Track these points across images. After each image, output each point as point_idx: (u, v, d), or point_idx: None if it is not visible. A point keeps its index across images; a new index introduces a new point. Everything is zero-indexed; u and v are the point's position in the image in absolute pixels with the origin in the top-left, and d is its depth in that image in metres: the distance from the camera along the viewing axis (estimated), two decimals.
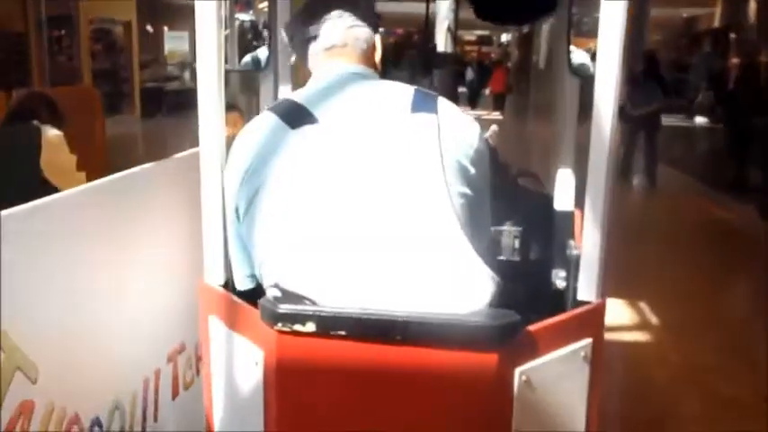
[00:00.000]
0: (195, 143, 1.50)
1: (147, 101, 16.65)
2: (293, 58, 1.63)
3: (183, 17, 19.80)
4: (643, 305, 4.42)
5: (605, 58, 1.41)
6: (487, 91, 20.67)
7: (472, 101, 20.08)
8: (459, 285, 1.28)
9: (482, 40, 29.02)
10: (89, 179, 3.81)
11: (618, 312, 4.16)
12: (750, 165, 8.15)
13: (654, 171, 8.65)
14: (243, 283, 1.47)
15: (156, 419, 1.89)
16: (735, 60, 9.92)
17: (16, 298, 1.32)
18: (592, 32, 1.87)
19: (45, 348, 1.41)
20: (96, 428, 1.61)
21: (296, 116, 1.37)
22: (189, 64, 20.09)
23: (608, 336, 1.50)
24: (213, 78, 1.44)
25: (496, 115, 18.83)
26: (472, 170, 1.39)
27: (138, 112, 16.21)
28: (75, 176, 3.52)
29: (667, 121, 12.02)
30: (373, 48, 1.54)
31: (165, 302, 1.89)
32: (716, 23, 11.22)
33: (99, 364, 1.63)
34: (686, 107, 11.51)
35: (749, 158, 8.33)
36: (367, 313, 1.23)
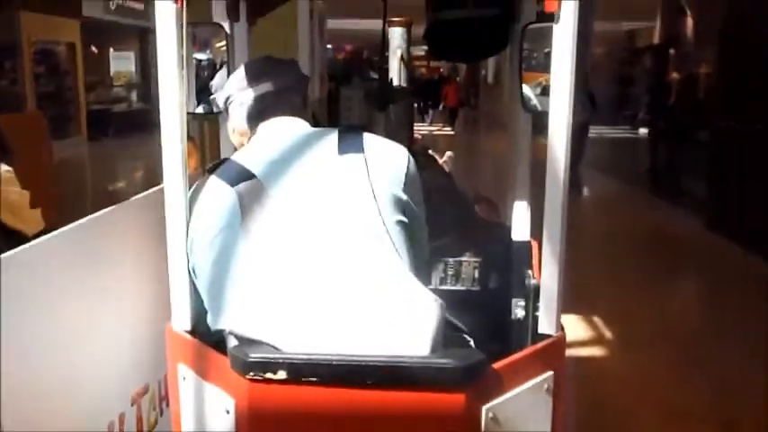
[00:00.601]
0: (145, 164, 1.54)
1: (94, 123, 16.38)
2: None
3: (129, 37, 19.60)
4: (594, 318, 4.52)
5: (558, 92, 1.47)
6: (441, 106, 21.63)
7: (425, 115, 20.93)
8: (405, 315, 1.31)
9: (430, 55, 29.24)
10: (41, 211, 3.73)
11: (569, 327, 4.24)
12: (693, 175, 8.42)
13: (579, 180, 8.93)
14: (201, 326, 1.51)
15: None
16: (675, 75, 10.25)
17: None
18: (543, 67, 1.94)
19: (9, 396, 1.39)
20: None
21: (235, 175, 1.46)
22: (136, 84, 19.87)
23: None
24: (176, 120, 1.47)
25: (448, 130, 19.06)
26: (405, 196, 1.48)
27: (86, 135, 15.92)
28: (30, 214, 3.45)
29: (613, 132, 12.36)
30: (304, 101, 1.68)
31: (130, 345, 1.88)
32: (656, 38, 11.57)
33: (64, 410, 1.61)
34: (631, 119, 11.83)
35: (691, 169, 8.61)
36: (337, 359, 1.25)
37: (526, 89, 1.82)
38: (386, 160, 1.49)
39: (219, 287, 1.40)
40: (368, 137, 1.51)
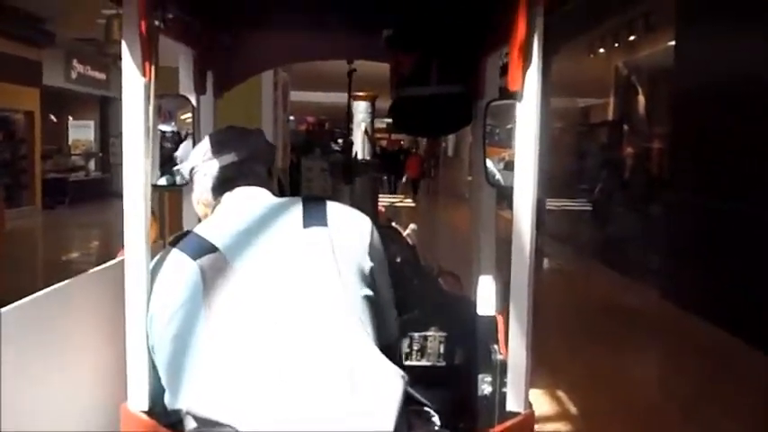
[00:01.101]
0: (100, 234, 1.50)
1: (50, 192, 16.16)
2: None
3: (89, 106, 19.58)
4: (557, 392, 4.49)
5: (522, 167, 1.49)
6: (404, 178, 22.48)
7: (389, 187, 21.69)
8: (368, 392, 1.27)
9: (392, 127, 29.80)
10: None
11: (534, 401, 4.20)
12: (648, 247, 8.58)
13: (540, 252, 9.15)
14: (157, 406, 1.45)
15: None
16: (629, 149, 10.58)
17: None
18: (506, 142, 1.98)
19: None
20: None
21: (197, 248, 1.42)
22: (94, 153, 19.73)
23: None
24: (140, 192, 1.45)
25: (410, 202, 19.24)
26: (369, 265, 1.47)
27: (39, 204, 15.67)
28: None
29: (571, 205, 12.60)
30: (270, 171, 1.67)
31: (83, 426, 1.79)
32: (610, 114, 11.96)
33: None
34: (588, 192, 12.09)
35: (646, 241, 8.79)
36: None
37: (490, 164, 1.84)
38: (349, 231, 1.48)
39: (179, 365, 1.35)
40: (331, 207, 1.50)
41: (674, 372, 5.28)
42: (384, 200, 14.62)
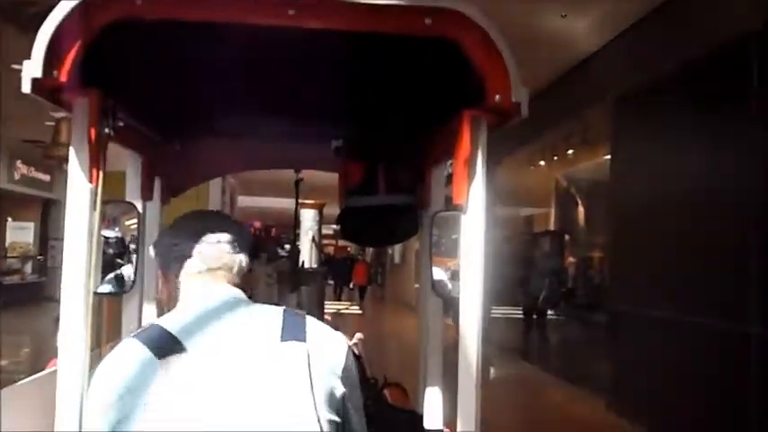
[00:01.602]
0: (33, 339, 1.42)
1: None
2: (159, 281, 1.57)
3: (30, 207, 19.21)
4: None
5: (468, 277, 1.51)
6: (351, 284, 22.61)
7: (336, 294, 21.73)
8: None
9: (339, 234, 29.98)
10: None
11: None
12: (592, 356, 8.64)
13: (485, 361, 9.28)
14: None
15: None
16: (571, 259, 10.84)
17: None
18: (452, 253, 2.00)
19: None
20: None
21: (163, 345, 1.31)
22: (32, 256, 19.21)
23: None
24: (79, 299, 1.41)
25: (356, 309, 19.12)
26: (340, 390, 1.38)
27: None
28: None
29: (516, 313, 12.69)
30: (248, 270, 1.53)
31: None
32: (551, 223, 12.31)
33: None
34: (533, 299, 12.23)
35: (590, 349, 8.86)
36: None
37: (439, 274, 1.86)
38: (326, 352, 1.39)
39: None
40: (310, 323, 1.42)
41: None
42: (330, 307, 14.50)
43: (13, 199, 18.08)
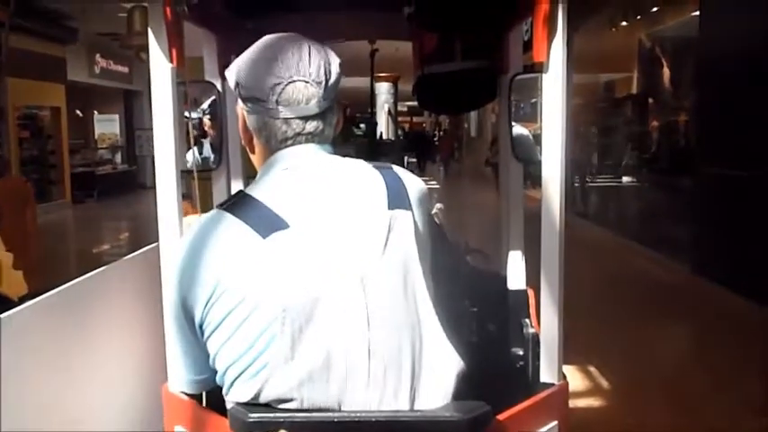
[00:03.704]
0: (130, 226, 1.49)
1: (78, 186, 16.39)
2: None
3: (113, 100, 19.77)
4: (589, 367, 4.49)
5: (550, 140, 1.49)
6: (437, 158, 23.05)
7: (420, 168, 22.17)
8: (430, 376, 1.28)
9: (413, 111, 29.77)
10: (24, 276, 3.70)
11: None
12: (677, 221, 8.50)
13: None
14: (190, 387, 1.42)
15: None
16: (654, 123, 10.44)
17: None
18: (532, 117, 1.97)
19: None
20: None
21: (264, 222, 1.25)
22: (120, 147, 19.95)
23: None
24: (171, 177, 1.47)
25: (434, 184, 19.19)
26: (432, 248, 1.38)
27: (69, 198, 15.89)
28: (12, 276, 3.43)
29: (596, 182, 12.49)
30: (338, 122, 1.39)
31: (124, 409, 1.84)
32: (634, 88, 11.80)
33: None
34: (613, 168, 11.97)
35: (674, 215, 8.70)
36: (338, 416, 1.22)
37: (519, 127, 1.83)
38: (424, 213, 1.36)
39: (238, 347, 1.26)
40: (408, 184, 1.36)
41: (704, 344, 5.23)
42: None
43: (96, 93, 18.64)
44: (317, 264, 1.24)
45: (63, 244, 11.09)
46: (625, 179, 11.60)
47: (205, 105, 2.09)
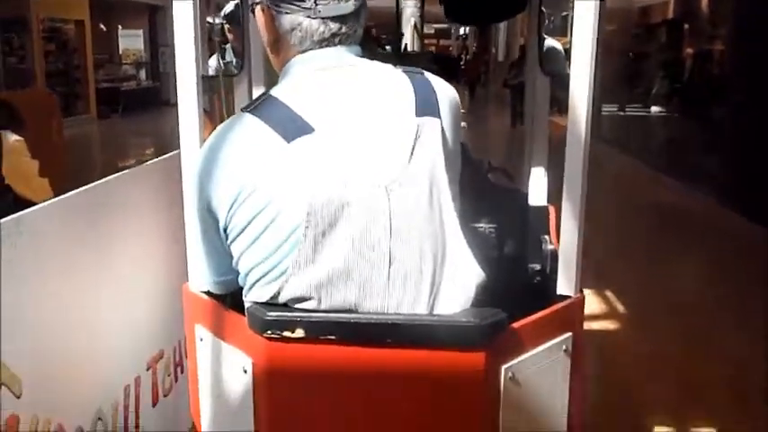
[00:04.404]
0: (154, 141, 1.48)
1: (103, 101, 16.42)
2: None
3: (137, 15, 19.55)
4: (606, 292, 4.51)
5: (579, 55, 1.44)
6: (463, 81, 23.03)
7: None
8: (450, 286, 1.29)
9: (440, 34, 29.18)
10: (51, 184, 3.76)
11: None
12: (706, 153, 8.36)
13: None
14: (214, 288, 1.44)
15: (137, 427, 1.88)
16: (689, 50, 10.14)
17: None
18: (562, 31, 1.91)
19: (27, 361, 1.40)
20: None
21: (289, 126, 1.23)
22: (144, 63, 19.86)
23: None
24: (192, 83, 1.45)
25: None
26: (458, 154, 1.37)
27: (94, 113, 15.95)
28: (38, 182, 3.47)
29: (626, 110, 12.27)
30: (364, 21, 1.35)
31: (145, 310, 1.88)
32: (670, 14, 11.42)
33: (81, 373, 1.61)
34: (643, 96, 11.72)
35: (704, 145, 8.55)
36: (356, 317, 1.24)
37: (551, 40, 1.77)
38: (453, 120, 1.33)
39: (262, 251, 1.27)
40: (438, 90, 1.33)
41: (726, 275, 5.21)
42: None
43: (121, 7, 18.42)
44: (342, 170, 1.23)
45: (89, 157, 11.21)
46: (654, 109, 11.38)
47: (227, 10, 2.05)
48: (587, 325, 1.56)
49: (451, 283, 1.28)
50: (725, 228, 6.40)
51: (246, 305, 1.33)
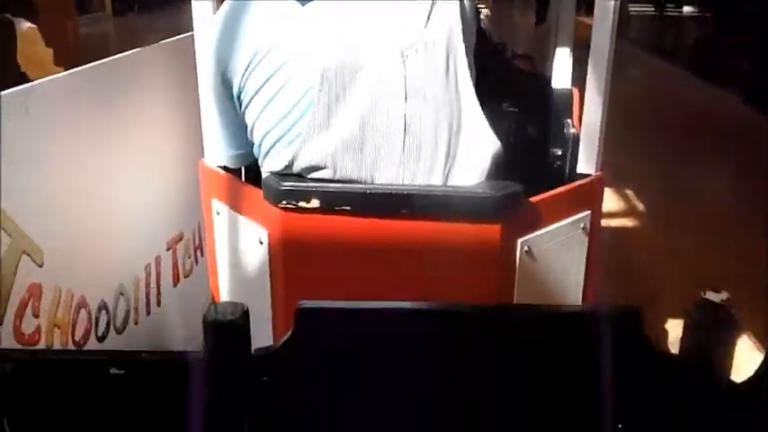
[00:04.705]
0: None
1: None
2: None
3: None
4: (626, 191, 4.48)
5: None
6: None
7: None
8: (465, 156, 1.27)
9: None
10: None
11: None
12: (734, 52, 8.12)
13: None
14: (229, 161, 1.44)
15: (159, 305, 1.92)
16: None
17: (17, 181, 1.31)
18: None
19: (48, 232, 1.42)
20: (103, 312, 1.64)
21: None
22: None
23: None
24: None
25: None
26: (476, 24, 1.34)
27: (110, 10, 15.66)
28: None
29: (655, 11, 11.86)
30: None
31: (163, 190, 1.89)
32: None
33: (101, 248, 1.64)
34: None
35: (732, 46, 8.29)
36: (370, 188, 1.24)
37: None
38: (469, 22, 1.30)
39: (270, 115, 1.27)
40: None
41: (749, 176, 5.14)
42: None
43: None
44: (357, 33, 1.22)
45: (106, 54, 11.08)
46: (686, 9, 10.98)
47: None
48: (605, 223, 1.55)
49: (467, 153, 1.26)
50: (749, 125, 6.27)
51: (263, 176, 1.33)
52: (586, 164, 1.43)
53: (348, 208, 1.23)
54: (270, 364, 0.77)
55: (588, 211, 1.40)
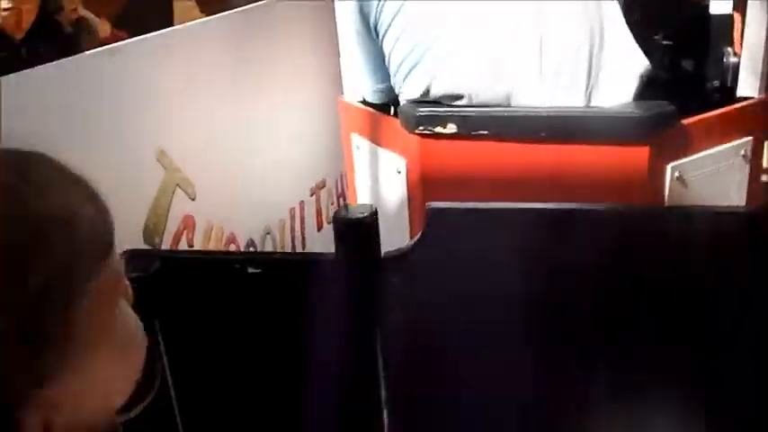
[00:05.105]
0: None
1: None
2: None
3: None
4: None
5: None
6: None
7: None
8: (609, 76, 1.20)
9: None
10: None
11: None
12: None
13: None
14: (373, 97, 1.44)
15: (303, 248, 1.98)
16: None
17: (170, 122, 1.39)
18: None
19: (199, 170, 1.49)
20: (251, 249, 1.72)
21: None
22: None
23: None
24: None
25: None
26: None
27: None
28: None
29: None
30: None
31: (307, 136, 1.94)
32: None
33: (249, 189, 1.71)
34: None
35: None
36: (509, 111, 1.19)
37: None
38: None
39: (409, 41, 1.26)
40: None
41: None
42: None
43: None
44: None
45: None
46: None
47: None
48: None
49: (611, 73, 1.19)
50: None
51: (401, 104, 1.32)
52: (749, 85, 1.31)
53: (486, 132, 1.19)
54: (401, 264, 0.77)
55: (750, 137, 1.28)
